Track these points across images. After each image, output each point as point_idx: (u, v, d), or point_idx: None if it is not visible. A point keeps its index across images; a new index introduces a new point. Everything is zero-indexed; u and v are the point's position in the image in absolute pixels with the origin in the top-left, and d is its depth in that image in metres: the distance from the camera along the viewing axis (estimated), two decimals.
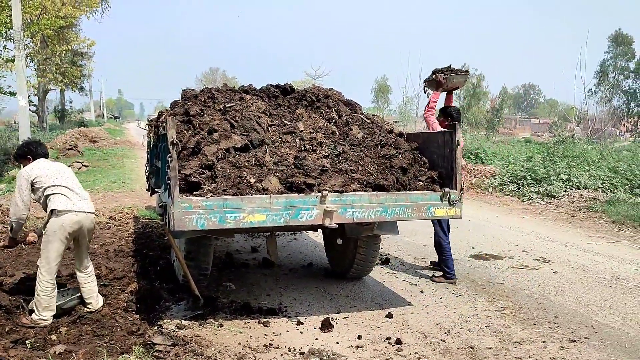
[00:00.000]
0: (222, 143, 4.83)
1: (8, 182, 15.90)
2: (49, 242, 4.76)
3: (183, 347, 4.41)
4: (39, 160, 5.02)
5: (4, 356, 4.23)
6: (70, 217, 4.76)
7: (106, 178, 15.64)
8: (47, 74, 32.38)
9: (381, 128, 5.68)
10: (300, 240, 8.63)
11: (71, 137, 26.52)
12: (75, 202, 4.82)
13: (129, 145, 28.76)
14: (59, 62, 32.99)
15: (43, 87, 35.51)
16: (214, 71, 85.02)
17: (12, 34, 16.90)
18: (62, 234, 4.75)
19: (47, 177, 4.84)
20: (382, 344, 4.64)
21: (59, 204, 4.75)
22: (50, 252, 4.77)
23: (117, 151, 24.96)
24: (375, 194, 4.75)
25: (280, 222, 4.51)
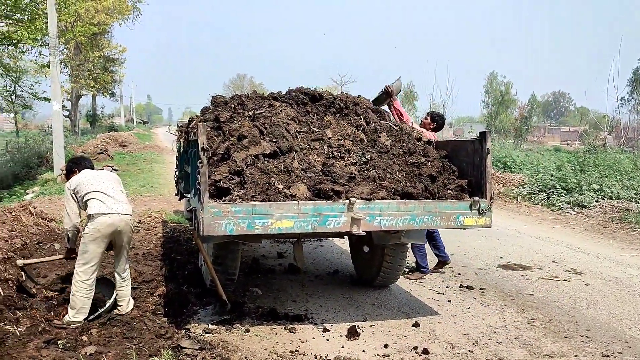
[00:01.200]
0: (251, 149, 4.87)
1: (41, 184, 16.32)
2: (85, 244, 4.88)
3: (210, 351, 4.44)
4: (83, 172, 5.25)
5: (36, 356, 4.32)
6: (104, 219, 4.87)
7: (135, 182, 15.90)
8: (80, 79, 33.18)
9: (410, 135, 5.65)
10: (326, 247, 8.62)
11: (102, 141, 27.06)
12: (109, 205, 4.93)
13: (158, 150, 29.19)
14: (91, 68, 33.78)
15: (76, 92, 36.37)
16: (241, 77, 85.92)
17: (47, 40, 17.34)
18: (97, 236, 4.87)
19: (85, 185, 5.01)
20: (408, 354, 4.60)
21: (94, 208, 4.87)
22: (87, 253, 4.89)
23: (146, 155, 25.36)
24: (404, 201, 4.72)
25: (308, 229, 4.52)
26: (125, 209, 5.09)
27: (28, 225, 7.66)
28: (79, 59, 32.67)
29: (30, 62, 22.08)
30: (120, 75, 43.67)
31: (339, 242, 8.86)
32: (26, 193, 15.79)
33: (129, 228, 5.12)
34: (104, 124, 48.95)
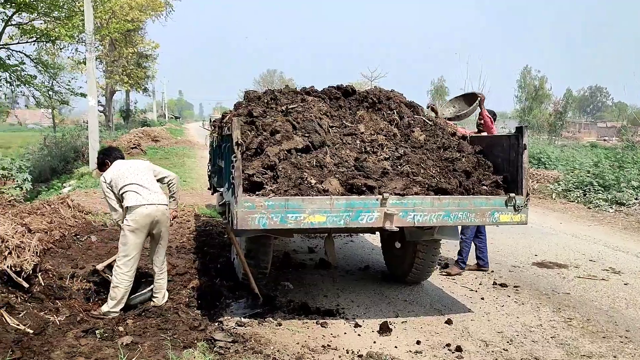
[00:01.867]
0: (284, 144, 4.88)
1: (77, 178, 16.70)
2: (125, 236, 4.98)
3: (243, 344, 4.48)
4: (115, 163, 5.31)
5: (75, 344, 4.43)
6: (141, 210, 4.95)
7: None
8: (114, 75, 33.83)
9: (444, 130, 5.58)
10: (357, 243, 8.60)
11: (135, 136, 27.52)
12: (145, 196, 5.00)
13: (189, 145, 29.51)
14: (125, 64, 34.39)
15: (110, 88, 37.11)
16: (271, 73, 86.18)
17: (83, 37, 17.71)
18: (135, 227, 4.95)
19: (120, 179, 5.08)
20: (441, 351, 4.56)
21: (130, 201, 4.95)
22: (127, 245, 4.98)
23: (178, 150, 25.68)
24: (438, 197, 4.67)
25: (340, 224, 4.51)
26: (160, 199, 5.15)
27: (66, 218, 7.84)
28: (113, 56, 33.31)
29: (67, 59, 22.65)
30: (153, 71, 44.28)
31: (369, 238, 8.83)
32: (63, 186, 16.20)
33: (165, 218, 5.18)
34: (137, 119, 49.81)
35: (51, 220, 7.49)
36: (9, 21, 15.50)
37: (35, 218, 7.27)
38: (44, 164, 21.96)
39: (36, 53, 20.97)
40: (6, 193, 8.97)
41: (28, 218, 7.09)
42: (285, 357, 4.28)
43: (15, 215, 6.99)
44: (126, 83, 36.08)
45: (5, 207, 7.29)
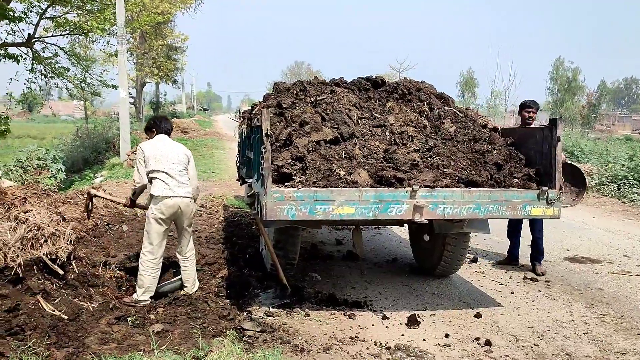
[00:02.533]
0: (313, 135, 4.88)
1: (109, 169, 17.02)
2: (149, 224, 5.05)
3: (271, 334, 4.51)
4: (158, 137, 5.33)
5: (108, 331, 4.53)
6: (165, 201, 5.01)
7: (197, 168, 16.21)
8: (144, 67, 34.27)
9: (475, 122, 5.50)
10: (385, 235, 8.57)
11: None
12: (172, 187, 5.05)
13: (218, 137, 29.77)
14: (155, 57, 34.80)
15: (140, 80, 37.61)
16: (299, 65, 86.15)
17: (115, 30, 17.95)
18: (159, 217, 5.02)
19: (154, 160, 5.10)
20: (470, 344, 4.52)
21: (157, 190, 5.01)
22: (151, 234, 5.06)
23: (207, 142, 25.93)
24: (468, 190, 4.61)
25: (369, 216, 4.49)
26: (186, 191, 5.18)
27: (98, 207, 8.00)
28: (144, 48, 33.71)
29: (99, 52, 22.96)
30: (182, 63, 44.74)
31: (397, 230, 8.79)
32: (95, 177, 16.53)
33: (189, 210, 5.23)
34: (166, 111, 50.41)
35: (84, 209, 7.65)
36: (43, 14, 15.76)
37: (69, 207, 7.43)
38: (76, 155, 22.44)
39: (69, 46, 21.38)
40: (41, 183, 9.19)
41: (62, 207, 7.25)
42: (313, 347, 4.30)
43: (50, 205, 7.14)
44: (156, 75, 36.52)
45: (40, 196, 7.45)
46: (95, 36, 18.35)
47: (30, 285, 4.68)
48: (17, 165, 9.82)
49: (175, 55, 41.15)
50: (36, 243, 4.97)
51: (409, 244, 7.30)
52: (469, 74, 59.07)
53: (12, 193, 6.75)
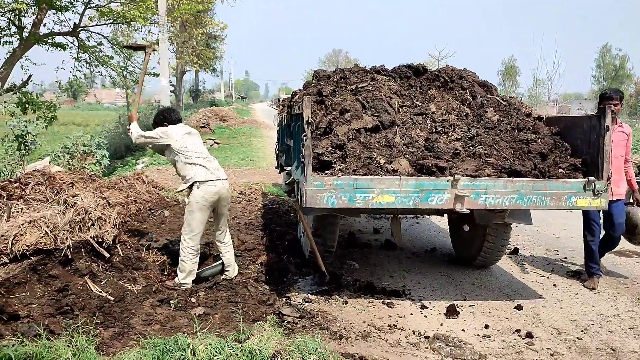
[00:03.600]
0: (353, 123, 4.86)
1: (150, 155, 17.37)
2: (192, 211, 5.13)
3: (310, 320, 4.55)
4: (178, 126, 5.39)
5: (152, 313, 4.66)
6: (210, 188, 5.08)
7: (236, 155, 16.49)
8: (184, 56, 34.71)
9: (519, 111, 5.38)
10: (423, 225, 8.51)
11: (204, 115, 28.24)
12: (213, 171, 5.14)
13: (256, 125, 29.99)
14: (195, 45, 35.19)
15: (180, 68, 38.14)
16: (337, 53, 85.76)
17: (156, 19, 18.26)
18: (203, 204, 5.10)
19: (188, 144, 5.18)
20: (511, 336, 4.46)
21: (200, 176, 5.08)
22: (193, 221, 5.14)
23: (245, 130, 26.15)
24: (511, 180, 4.52)
25: (409, 205, 4.46)
26: (224, 174, 5.28)
27: (141, 193, 8.21)
28: (184, 36, 34.14)
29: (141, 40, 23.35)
30: (221, 52, 45.19)
31: (435, 220, 8.72)
32: (136, 163, 16.91)
33: (228, 194, 5.32)
34: (205, 99, 51.10)
35: (128, 194, 7.87)
36: (88, 3, 16.17)
37: (113, 192, 7.65)
38: (118, 142, 22.96)
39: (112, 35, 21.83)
40: (87, 168, 9.48)
41: (107, 192, 7.47)
42: (351, 334, 4.32)
43: (95, 190, 7.37)
44: (195, 63, 36.98)
45: (86, 181, 7.69)
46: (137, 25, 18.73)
47: (79, 266, 4.84)
48: (63, 151, 10.14)
49: (215, 44, 41.57)
50: (84, 226, 5.13)
51: (447, 234, 7.23)
52: (511, 62, 57.78)
53: (60, 178, 6.99)
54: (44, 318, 4.24)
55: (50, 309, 4.38)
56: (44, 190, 6.30)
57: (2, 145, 8.28)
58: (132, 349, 3.19)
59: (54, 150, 10.24)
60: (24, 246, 4.56)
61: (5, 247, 4.52)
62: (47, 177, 6.68)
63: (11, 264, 4.53)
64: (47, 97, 15.11)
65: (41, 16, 14.61)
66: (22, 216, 4.88)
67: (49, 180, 6.61)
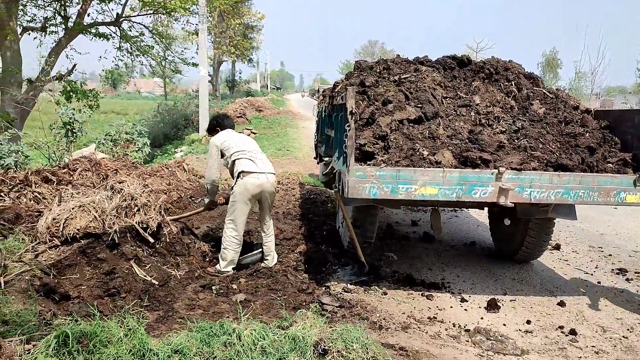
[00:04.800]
0: (396, 114, 4.84)
1: (188, 144, 17.66)
2: (235, 202, 5.23)
3: (349, 309, 4.58)
4: (226, 131, 5.57)
5: (194, 298, 4.77)
6: (253, 180, 5.16)
7: (272, 145, 16.60)
8: (221, 46, 35.03)
9: (566, 104, 5.26)
10: (462, 218, 8.43)
11: (240, 105, 28.52)
12: (258, 164, 5.21)
13: (291, 116, 30.09)
14: (232, 35, 35.46)
15: (218, 58, 38.51)
16: (372, 44, 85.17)
17: (195, 9, 18.45)
18: (246, 196, 5.18)
19: (234, 144, 5.33)
20: (553, 332, 4.39)
21: (245, 166, 5.17)
22: (236, 211, 5.24)
23: (281, 120, 26.28)
24: (558, 174, 4.43)
25: (452, 197, 4.43)
26: (271, 168, 5.34)
27: (182, 181, 8.36)
28: (221, 27, 34.44)
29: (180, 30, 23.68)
30: (258, 42, 45.42)
31: (474, 213, 8.62)
32: (175, 151, 17.22)
33: (273, 189, 5.38)
34: (241, 89, 51.49)
35: (169, 182, 8.03)
36: None
37: (155, 179, 7.81)
38: (157, 130, 23.43)
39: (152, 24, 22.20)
40: (129, 156, 9.71)
41: (149, 179, 7.63)
42: (391, 325, 4.33)
43: (138, 177, 7.55)
44: (233, 54, 37.29)
45: (129, 168, 7.88)
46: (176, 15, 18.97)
47: (125, 251, 4.98)
48: (107, 139, 10.41)
49: (252, 34, 41.80)
50: (129, 212, 5.27)
51: (487, 228, 7.15)
52: (552, 54, 56.27)
53: (105, 165, 7.19)
54: (92, 299, 4.39)
55: (98, 291, 4.53)
56: (91, 176, 6.50)
57: (51, 132, 8.57)
58: (180, 332, 3.27)
59: (97, 138, 10.52)
60: (74, 230, 4.71)
61: (57, 230, 4.68)
62: (94, 163, 6.90)
63: (62, 246, 4.69)
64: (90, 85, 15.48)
65: (85, 6, 14.93)
66: (72, 201, 5.04)
67: (95, 167, 6.82)
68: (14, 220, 4.84)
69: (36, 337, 3.03)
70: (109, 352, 2.87)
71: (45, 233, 4.67)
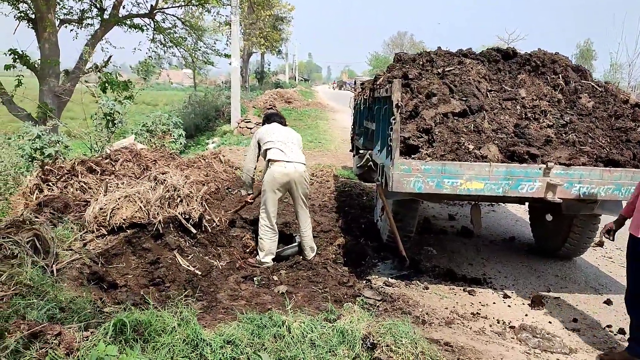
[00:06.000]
0: (440, 107, 4.78)
1: (220, 135, 17.80)
2: (265, 190, 5.30)
3: (391, 303, 4.57)
4: (271, 124, 5.66)
5: (236, 288, 4.81)
6: (280, 168, 5.19)
7: (303, 138, 16.38)
8: (251, 37, 35.12)
9: (616, 97, 5.12)
10: (499, 213, 8.31)
11: (270, 97, 28.56)
12: (287, 153, 5.25)
13: (321, 107, 30.02)
14: (262, 27, 35.49)
15: (247, 50, 38.62)
16: (401, 35, 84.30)
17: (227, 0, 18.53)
18: (274, 184, 5.23)
19: (268, 135, 5.40)
20: (601, 331, 4.31)
21: (273, 156, 5.23)
22: (266, 201, 5.30)
23: (310, 112, 26.25)
24: (608, 169, 4.33)
25: (499, 192, 4.37)
26: (300, 158, 5.35)
27: (219, 172, 8.43)
28: (252, 18, 34.49)
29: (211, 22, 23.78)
30: (287, 34, 45.35)
31: (512, 208, 8.49)
32: (207, 143, 17.37)
33: (302, 179, 5.34)
34: (269, 80, 51.58)
35: (207, 173, 8.10)
36: None
37: (193, 170, 7.89)
38: (188, 121, 23.61)
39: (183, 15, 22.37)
40: (166, 146, 9.83)
41: (187, 170, 7.71)
42: (434, 320, 4.31)
43: (176, 167, 7.64)
44: (262, 45, 37.34)
45: (167, 159, 7.97)
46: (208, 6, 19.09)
47: (168, 241, 5.06)
48: (143, 130, 10.56)
49: (281, 26, 41.75)
50: (172, 203, 5.34)
51: (525, 223, 7.04)
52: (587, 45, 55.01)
53: (144, 155, 7.29)
54: (139, 288, 4.48)
55: (144, 280, 4.62)
56: (132, 167, 6.60)
57: (92, 122, 8.72)
58: (230, 323, 3.30)
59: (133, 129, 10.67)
60: (120, 219, 4.80)
61: (104, 219, 4.77)
62: (134, 154, 6.99)
63: (109, 235, 4.79)
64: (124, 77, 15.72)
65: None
66: (118, 191, 5.12)
67: (136, 157, 6.91)
68: (63, 210, 4.95)
69: (92, 324, 3.10)
70: (164, 340, 2.92)
71: (93, 222, 4.77)
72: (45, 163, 6.04)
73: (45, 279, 3.65)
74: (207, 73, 55.67)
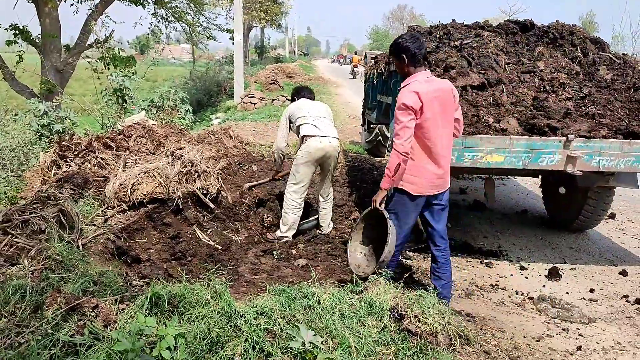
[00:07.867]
0: (459, 80, 4.77)
1: (224, 111, 17.72)
2: (298, 165, 5.24)
3: (410, 276, 4.62)
4: (301, 100, 5.57)
5: (257, 262, 4.86)
6: (315, 143, 5.14)
7: None
8: (251, 11, 34.69)
9: (634, 69, 5.11)
10: (510, 186, 8.34)
11: (271, 72, 28.31)
12: (321, 128, 5.19)
13: (322, 82, 29.79)
14: (262, 0, 35.04)
15: (247, 24, 38.17)
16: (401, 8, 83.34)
17: None
18: (309, 159, 5.18)
19: (300, 110, 5.32)
20: (618, 301, 4.38)
21: (307, 131, 5.17)
22: (299, 174, 5.25)
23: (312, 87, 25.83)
24: (628, 141, 4.35)
25: (519, 165, 4.39)
26: (334, 133, 5.32)
27: (229, 147, 8.43)
28: None
29: None
30: (288, 7, 44.77)
31: (521, 181, 8.52)
32: (211, 118, 17.30)
33: (336, 153, 5.35)
34: (270, 55, 51.12)
35: (218, 149, 8.10)
36: None
37: (204, 146, 7.89)
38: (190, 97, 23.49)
39: None
40: (175, 122, 9.80)
41: (198, 146, 7.71)
42: (454, 292, 4.37)
43: (187, 143, 7.63)
44: (263, 19, 36.91)
45: (177, 134, 7.96)
46: None
47: (188, 216, 5.09)
48: (150, 105, 10.51)
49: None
50: (190, 178, 5.36)
51: (537, 196, 7.08)
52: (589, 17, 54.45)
53: (155, 131, 7.28)
54: (161, 262, 4.52)
55: (166, 254, 4.66)
56: (145, 142, 6.60)
57: (102, 98, 8.68)
58: (261, 295, 3.35)
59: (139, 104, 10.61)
60: (141, 195, 4.82)
61: (125, 195, 4.79)
62: (147, 129, 6.98)
63: (130, 211, 4.81)
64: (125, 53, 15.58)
65: None
66: (137, 167, 5.14)
67: (149, 133, 6.90)
68: (83, 185, 4.97)
69: (127, 297, 3.15)
70: (198, 312, 2.97)
71: (113, 198, 4.79)
72: (62, 139, 6.02)
73: (73, 254, 3.70)
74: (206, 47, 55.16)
